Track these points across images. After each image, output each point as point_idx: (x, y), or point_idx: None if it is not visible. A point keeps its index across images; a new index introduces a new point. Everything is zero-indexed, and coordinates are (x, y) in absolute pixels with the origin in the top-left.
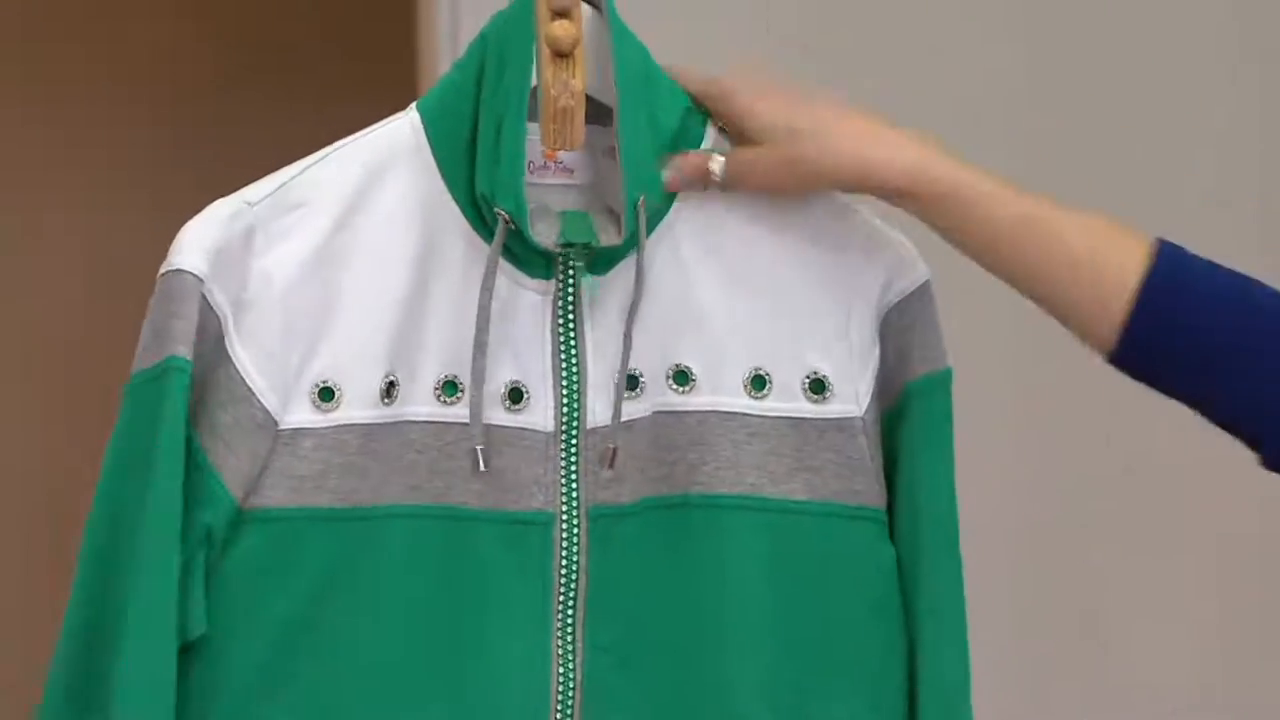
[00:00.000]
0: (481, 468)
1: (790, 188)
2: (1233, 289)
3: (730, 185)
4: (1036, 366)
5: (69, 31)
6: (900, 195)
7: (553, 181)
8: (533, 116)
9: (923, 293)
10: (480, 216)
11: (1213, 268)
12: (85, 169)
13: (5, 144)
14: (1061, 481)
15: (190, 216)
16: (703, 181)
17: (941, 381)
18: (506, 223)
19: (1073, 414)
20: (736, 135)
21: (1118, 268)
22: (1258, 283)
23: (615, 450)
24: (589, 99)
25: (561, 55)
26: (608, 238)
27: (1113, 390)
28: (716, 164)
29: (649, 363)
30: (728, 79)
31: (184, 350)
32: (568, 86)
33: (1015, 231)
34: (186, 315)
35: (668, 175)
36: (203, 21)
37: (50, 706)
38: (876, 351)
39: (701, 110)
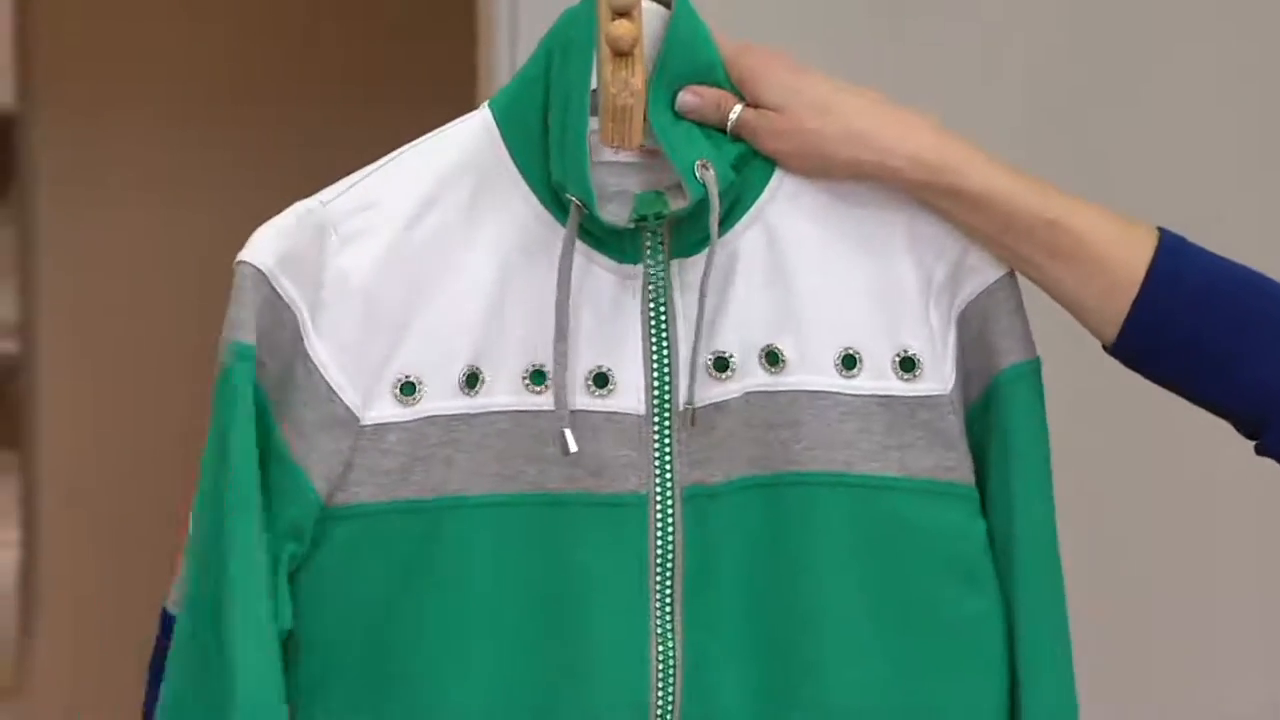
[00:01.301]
0: (572, 448)
1: (799, 160)
2: (1235, 278)
3: (738, 134)
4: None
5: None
6: (916, 187)
7: (629, 160)
8: (596, 112)
9: (996, 289)
10: (560, 204)
11: (1215, 258)
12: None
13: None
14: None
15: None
16: (715, 115)
17: (1030, 371)
18: (579, 208)
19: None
20: (751, 99)
21: (1125, 263)
22: (1259, 273)
23: (694, 412)
24: None
25: (621, 54)
26: (678, 205)
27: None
28: (735, 111)
29: (741, 343)
30: (744, 44)
31: (244, 335)
32: (627, 85)
33: (1033, 232)
34: (247, 304)
35: (685, 95)
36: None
37: (174, 707)
38: (952, 339)
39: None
